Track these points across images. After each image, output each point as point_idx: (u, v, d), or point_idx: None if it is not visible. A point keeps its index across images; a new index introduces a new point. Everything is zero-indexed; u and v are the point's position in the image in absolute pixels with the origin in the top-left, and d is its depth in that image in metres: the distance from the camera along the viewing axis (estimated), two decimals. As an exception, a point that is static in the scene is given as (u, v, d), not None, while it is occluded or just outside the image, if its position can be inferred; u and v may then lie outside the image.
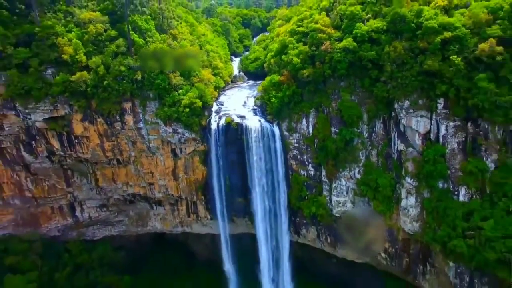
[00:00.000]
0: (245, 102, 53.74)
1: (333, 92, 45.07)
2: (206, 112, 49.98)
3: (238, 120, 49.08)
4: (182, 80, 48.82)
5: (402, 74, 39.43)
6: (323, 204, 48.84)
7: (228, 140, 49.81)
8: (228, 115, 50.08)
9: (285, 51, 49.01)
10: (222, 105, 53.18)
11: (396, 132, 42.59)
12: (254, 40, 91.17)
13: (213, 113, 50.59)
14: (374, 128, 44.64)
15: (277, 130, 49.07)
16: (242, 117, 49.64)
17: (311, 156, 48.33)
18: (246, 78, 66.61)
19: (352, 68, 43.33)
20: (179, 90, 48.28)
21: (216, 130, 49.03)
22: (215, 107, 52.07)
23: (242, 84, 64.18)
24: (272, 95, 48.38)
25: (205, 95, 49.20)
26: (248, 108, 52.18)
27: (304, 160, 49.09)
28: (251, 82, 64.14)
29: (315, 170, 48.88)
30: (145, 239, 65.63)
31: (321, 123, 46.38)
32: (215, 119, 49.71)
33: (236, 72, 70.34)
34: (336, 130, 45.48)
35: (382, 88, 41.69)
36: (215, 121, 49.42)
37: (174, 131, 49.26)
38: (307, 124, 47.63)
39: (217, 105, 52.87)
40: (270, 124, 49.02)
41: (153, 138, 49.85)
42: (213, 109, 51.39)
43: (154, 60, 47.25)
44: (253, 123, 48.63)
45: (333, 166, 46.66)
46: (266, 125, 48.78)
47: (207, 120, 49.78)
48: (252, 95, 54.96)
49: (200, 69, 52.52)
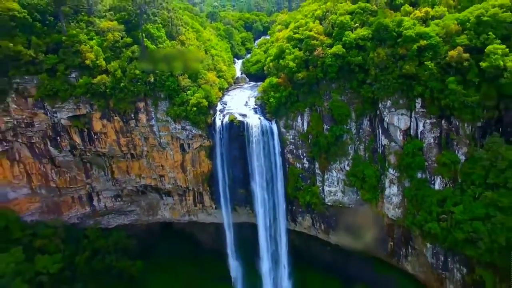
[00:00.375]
0: (246, 102, 57.80)
1: (325, 93, 49.52)
2: (211, 111, 54.45)
3: (240, 118, 53.16)
4: (190, 82, 53.47)
5: (385, 77, 44.05)
6: (317, 194, 53.47)
7: (231, 136, 53.92)
8: (231, 113, 54.21)
9: (283, 55, 53.53)
10: (226, 104, 57.49)
11: (381, 129, 47.45)
12: (255, 43, 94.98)
13: (218, 112, 55.04)
14: (361, 125, 49.27)
15: (275, 127, 53.27)
16: (244, 116, 53.76)
17: (306, 150, 52.98)
18: (248, 80, 70.49)
19: (342, 72, 47.84)
20: (187, 91, 52.87)
21: (220, 127, 53.38)
22: (219, 106, 56.35)
23: (244, 85, 68.21)
24: (271, 96, 52.62)
25: (210, 96, 53.87)
26: (249, 107, 56.09)
27: (300, 154, 53.84)
28: (252, 83, 67.79)
29: (309, 163, 53.56)
30: (155, 228, 70.62)
31: (315, 121, 50.98)
32: (220, 117, 54.14)
33: (239, 73, 74.30)
34: (328, 127, 50.11)
35: (368, 90, 46.36)
36: (219, 119, 53.87)
37: (183, 128, 54.05)
38: (302, 122, 52.11)
39: (221, 104, 57.16)
40: (269, 122, 53.29)
41: (163, 134, 54.72)
42: (218, 108, 55.74)
43: (165, 64, 52.62)
44: (254, 121, 52.81)
45: (325, 159, 51.38)
46: (266, 123, 53.01)
47: (212, 118, 54.24)
48: (253, 96, 59.18)
49: (206, 72, 57.12)
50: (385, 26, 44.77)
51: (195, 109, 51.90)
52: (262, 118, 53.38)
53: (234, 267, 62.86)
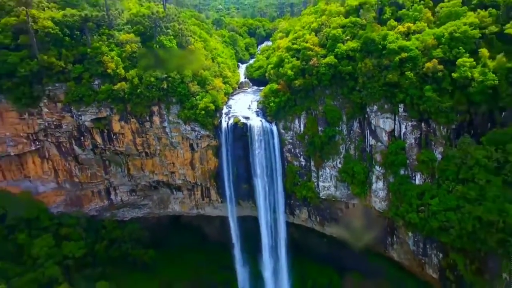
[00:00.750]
0: (249, 105, 61.75)
1: (319, 98, 54.38)
2: (218, 114, 58.49)
3: (243, 121, 57.48)
4: (198, 88, 58.38)
5: (371, 84, 48.95)
6: (312, 188, 58.59)
7: (236, 137, 58.34)
8: (236, 116, 58.39)
9: (282, 64, 58.40)
10: (231, 108, 61.30)
11: (368, 130, 52.83)
12: (258, 48, 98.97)
13: (224, 115, 59.18)
14: (351, 127, 54.30)
15: (275, 128, 57.63)
16: (247, 118, 57.97)
17: (302, 149, 57.92)
18: (251, 84, 74.19)
19: (334, 79, 52.71)
20: (196, 96, 57.60)
21: (226, 128, 57.77)
22: (225, 109, 60.28)
23: (247, 89, 71.90)
24: (271, 100, 56.76)
25: (217, 100, 58.75)
26: (252, 110, 60.28)
27: (297, 153, 58.90)
28: (255, 87, 70.86)
29: (305, 161, 58.69)
30: (164, 222, 76.14)
31: (310, 123, 55.87)
32: (225, 119, 58.42)
33: (243, 78, 78.30)
34: (322, 128, 55.15)
35: (357, 95, 51.35)
36: (225, 121, 58.17)
37: (192, 129, 58.65)
38: (299, 124, 56.84)
39: (227, 108, 60.97)
40: (270, 124, 57.54)
41: (175, 135, 59.68)
42: (224, 111, 59.77)
43: (176, 72, 58.34)
44: (256, 123, 57.20)
45: (320, 157, 56.55)
46: (266, 125, 57.36)
47: (219, 120, 58.43)
48: (255, 100, 63.23)
49: (213, 79, 62.07)
50: (372, 39, 50.03)
51: (203, 112, 56.64)
52: (263, 120, 57.90)
53: (238, 256, 67.63)
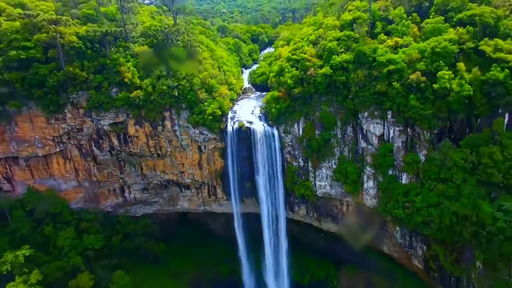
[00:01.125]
0: (252, 111, 66.82)
1: (316, 105, 59.42)
2: (223, 119, 63.28)
3: (247, 125, 62.14)
4: (206, 95, 63.62)
5: (363, 93, 53.96)
6: (310, 187, 63.61)
7: (240, 140, 62.91)
8: (240, 121, 63.22)
9: (282, 73, 63.46)
10: (236, 113, 66.28)
11: (361, 134, 58.03)
12: (261, 54, 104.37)
13: (229, 119, 64.04)
14: (345, 131, 59.37)
15: (276, 132, 62.31)
16: (251, 122, 62.75)
17: (301, 151, 62.85)
18: (254, 90, 78.80)
19: (330, 88, 57.82)
20: (204, 102, 62.65)
21: (231, 132, 62.45)
22: (230, 114, 65.16)
23: (251, 95, 76.18)
24: (273, 106, 61.92)
25: (223, 106, 63.97)
26: (255, 115, 65.23)
27: (296, 154, 63.77)
28: (258, 93, 75.53)
29: (304, 162, 63.64)
30: (173, 218, 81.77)
31: (308, 127, 60.88)
32: (231, 124, 63.18)
33: (246, 83, 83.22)
34: (319, 132, 60.33)
35: (350, 103, 56.40)
36: (230, 125, 62.92)
37: (200, 132, 63.49)
38: (298, 128, 61.77)
39: (232, 113, 65.96)
40: (271, 128, 62.33)
41: (184, 138, 64.93)
42: (229, 116, 64.59)
43: (186, 81, 64.14)
44: (259, 127, 61.91)
45: (317, 159, 61.57)
46: (268, 129, 62.16)
47: (225, 124, 63.12)
48: (258, 105, 67.94)
49: (219, 86, 67.26)
50: (364, 52, 55.07)
51: (210, 117, 61.56)
52: (265, 124, 62.70)
53: (242, 250, 72.71)
